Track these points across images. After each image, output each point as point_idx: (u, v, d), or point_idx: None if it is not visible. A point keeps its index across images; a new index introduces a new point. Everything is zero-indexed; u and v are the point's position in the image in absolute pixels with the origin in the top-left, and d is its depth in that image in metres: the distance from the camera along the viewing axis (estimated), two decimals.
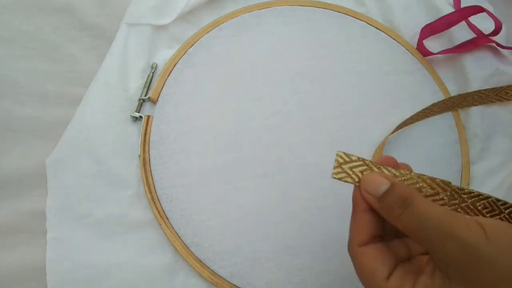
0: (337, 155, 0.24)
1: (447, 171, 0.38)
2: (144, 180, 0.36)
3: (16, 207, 0.35)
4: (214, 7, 0.43)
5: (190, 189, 0.36)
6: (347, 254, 0.25)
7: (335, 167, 0.24)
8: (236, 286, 0.34)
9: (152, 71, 0.39)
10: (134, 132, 0.38)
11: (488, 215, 0.25)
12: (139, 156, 0.36)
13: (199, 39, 0.40)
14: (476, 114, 0.40)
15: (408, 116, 0.39)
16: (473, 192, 0.24)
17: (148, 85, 0.39)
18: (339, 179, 0.24)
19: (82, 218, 0.35)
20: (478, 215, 0.24)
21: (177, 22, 0.41)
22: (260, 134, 0.38)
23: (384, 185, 0.22)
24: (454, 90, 0.42)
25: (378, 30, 0.43)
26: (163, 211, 0.35)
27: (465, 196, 0.24)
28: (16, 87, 0.38)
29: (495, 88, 0.40)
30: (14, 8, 0.40)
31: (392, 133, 0.38)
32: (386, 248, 0.23)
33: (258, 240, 0.35)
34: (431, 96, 0.41)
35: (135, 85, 0.39)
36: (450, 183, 0.24)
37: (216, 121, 0.38)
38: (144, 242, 0.35)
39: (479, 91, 0.40)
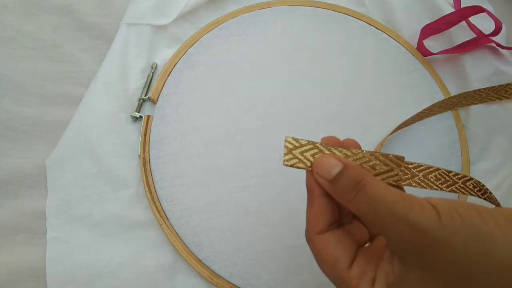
0: (285, 141, 0.23)
1: None
2: (144, 180, 0.36)
3: (16, 207, 0.35)
4: (214, 7, 0.43)
5: (190, 189, 0.36)
6: None
7: (285, 154, 0.23)
8: (236, 286, 0.34)
9: (152, 71, 0.39)
10: (134, 132, 0.38)
11: (443, 186, 0.24)
12: (139, 156, 0.36)
13: (199, 39, 0.40)
14: (476, 114, 0.40)
15: (408, 116, 0.39)
16: (422, 166, 0.24)
17: (148, 85, 0.39)
18: (291, 165, 0.23)
19: (82, 218, 0.35)
20: (432, 187, 0.24)
21: (177, 22, 0.41)
22: (260, 134, 0.38)
23: (336, 167, 0.22)
24: (454, 90, 0.42)
25: (378, 30, 0.43)
26: (163, 211, 0.35)
27: (414, 170, 0.23)
28: (16, 87, 0.38)
29: (495, 86, 0.40)
30: (14, 8, 0.40)
31: (392, 133, 0.38)
32: (345, 233, 0.23)
33: (258, 240, 0.35)
34: (431, 96, 0.41)
35: (135, 85, 0.39)
36: (403, 157, 0.23)
37: (216, 121, 0.38)
38: (144, 242, 0.35)
39: (479, 90, 0.40)
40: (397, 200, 0.19)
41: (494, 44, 0.43)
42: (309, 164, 0.23)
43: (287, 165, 0.23)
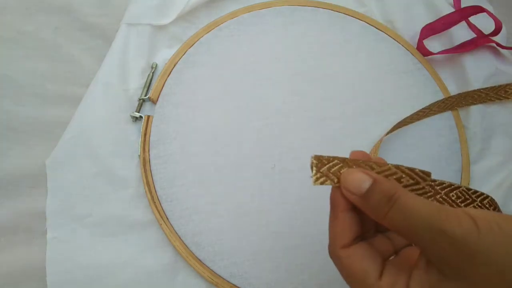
0: (312, 158, 0.22)
1: (447, 171, 0.38)
2: (144, 180, 0.36)
3: (16, 207, 0.35)
4: (214, 7, 0.43)
5: (190, 189, 0.36)
6: None
7: (314, 174, 0.22)
8: (236, 286, 0.34)
9: (152, 71, 0.39)
10: (134, 132, 0.38)
11: (462, 205, 0.24)
12: (139, 156, 0.36)
13: (199, 39, 0.40)
14: (476, 114, 0.40)
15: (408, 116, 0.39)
16: (445, 183, 0.24)
17: (148, 85, 0.39)
18: (321, 184, 0.22)
19: (82, 218, 0.35)
20: (453, 206, 0.24)
21: (177, 22, 0.41)
22: (260, 134, 0.38)
23: (366, 182, 0.21)
24: (454, 90, 0.42)
25: (378, 30, 0.43)
26: (163, 211, 0.35)
27: (437, 187, 0.23)
28: (16, 87, 0.38)
29: (495, 86, 0.40)
30: (14, 8, 0.40)
31: (390, 132, 0.38)
32: (370, 246, 0.22)
33: (258, 240, 0.35)
34: (431, 96, 0.41)
35: (135, 85, 0.39)
36: (430, 173, 0.23)
37: (216, 121, 0.38)
38: (144, 242, 0.35)
39: (478, 90, 0.40)
40: (433, 212, 0.19)
41: (494, 44, 0.43)
42: (335, 180, 0.22)
43: (316, 185, 0.22)
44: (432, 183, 0.23)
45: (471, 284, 0.18)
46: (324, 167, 0.22)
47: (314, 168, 0.22)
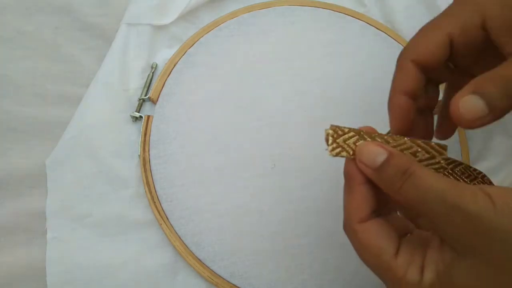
0: (329, 129, 0.22)
1: None
2: (144, 180, 0.36)
3: (16, 207, 0.35)
4: (214, 7, 0.43)
5: (190, 189, 0.36)
6: (347, 254, 0.24)
7: (330, 144, 0.22)
8: (236, 286, 0.34)
9: (152, 71, 0.39)
10: (134, 132, 0.38)
11: (467, 180, 0.24)
12: (139, 156, 0.36)
13: (199, 39, 0.40)
14: None
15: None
16: (450, 159, 0.23)
17: (148, 85, 0.39)
18: (336, 154, 0.22)
19: (82, 218, 0.35)
20: (459, 181, 0.24)
21: (177, 22, 0.41)
22: (260, 134, 0.38)
23: (381, 156, 0.21)
24: None
25: (378, 30, 0.43)
26: (163, 211, 0.35)
27: (443, 162, 0.23)
28: (16, 87, 0.38)
29: None
30: (14, 8, 0.40)
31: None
32: (387, 222, 0.22)
33: (258, 240, 0.35)
34: None
35: (135, 85, 0.39)
36: (446, 146, 0.22)
37: (216, 121, 0.38)
38: (144, 242, 0.35)
39: None
40: (447, 188, 0.19)
41: None
42: (351, 152, 0.22)
43: (332, 155, 0.22)
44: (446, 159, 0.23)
45: (485, 261, 0.18)
46: (340, 138, 0.22)
47: (331, 138, 0.22)
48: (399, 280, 0.20)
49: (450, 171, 0.24)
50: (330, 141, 0.22)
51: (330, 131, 0.22)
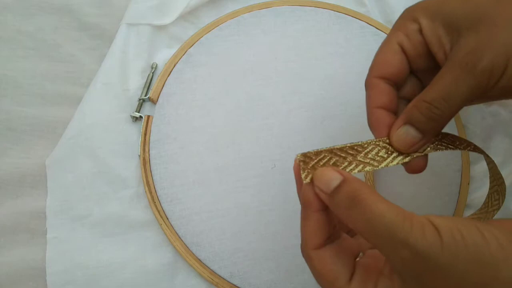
0: (299, 157, 0.22)
1: (447, 171, 0.38)
2: (144, 180, 0.36)
3: (16, 207, 0.35)
4: (214, 7, 0.43)
5: (190, 189, 0.36)
6: None
7: (302, 171, 0.22)
8: (236, 286, 0.34)
9: (152, 71, 0.39)
10: (134, 132, 0.38)
11: (460, 147, 0.26)
12: (139, 156, 0.36)
13: (199, 39, 0.40)
14: (476, 114, 0.40)
15: None
16: (441, 133, 0.25)
17: (148, 85, 0.39)
18: (310, 180, 0.22)
19: (82, 218, 0.35)
20: (448, 149, 0.25)
21: (177, 22, 0.41)
22: (260, 134, 0.38)
23: (335, 181, 0.21)
24: None
25: (378, 30, 0.43)
26: (163, 211, 0.35)
27: (361, 150, 0.23)
28: (16, 87, 0.38)
29: None
30: (14, 8, 0.40)
31: None
32: (341, 247, 0.22)
33: (258, 240, 0.35)
34: None
35: (135, 85, 0.39)
36: (359, 143, 0.23)
37: (216, 121, 0.38)
38: (144, 242, 0.35)
39: None
40: (396, 221, 0.18)
41: None
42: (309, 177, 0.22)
43: (307, 182, 0.22)
44: (356, 148, 0.23)
45: None
46: (310, 164, 0.22)
47: (302, 165, 0.22)
48: None
49: (438, 142, 0.25)
50: (301, 169, 0.22)
51: (300, 158, 0.22)
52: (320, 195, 0.21)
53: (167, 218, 0.35)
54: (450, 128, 0.40)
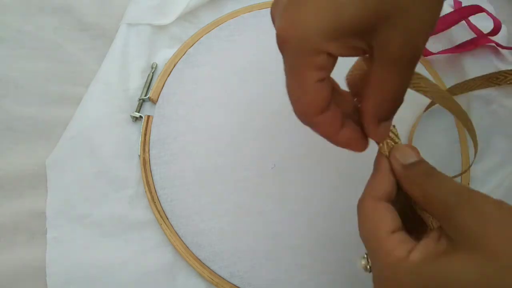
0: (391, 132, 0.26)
1: (447, 171, 0.38)
2: (144, 180, 0.36)
3: (16, 207, 0.35)
4: (214, 7, 0.43)
5: (190, 189, 0.36)
6: (347, 254, 0.24)
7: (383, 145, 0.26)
8: (236, 286, 0.34)
9: (152, 71, 0.39)
10: (134, 132, 0.38)
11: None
12: (139, 156, 0.36)
13: (199, 39, 0.40)
14: (476, 114, 0.40)
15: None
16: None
17: (148, 85, 0.39)
18: (382, 144, 0.26)
19: (82, 218, 0.35)
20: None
21: (177, 22, 0.41)
22: (260, 134, 0.38)
23: (413, 158, 0.24)
24: None
25: None
26: (163, 211, 0.35)
27: None
28: (16, 87, 0.38)
29: (486, 75, 0.39)
30: (14, 8, 0.40)
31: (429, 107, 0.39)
32: (396, 212, 0.24)
33: (258, 240, 0.35)
34: None
35: (135, 85, 0.39)
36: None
37: (216, 121, 0.38)
38: (144, 242, 0.35)
39: (471, 79, 0.40)
40: (463, 188, 0.21)
41: (494, 44, 0.43)
42: (387, 150, 0.25)
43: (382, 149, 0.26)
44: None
45: (482, 255, 0.19)
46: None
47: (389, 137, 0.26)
48: (386, 254, 0.21)
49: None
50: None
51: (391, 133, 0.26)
52: (394, 163, 0.24)
53: (167, 218, 0.35)
54: (450, 128, 0.40)
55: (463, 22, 0.43)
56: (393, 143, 0.26)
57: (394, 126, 0.26)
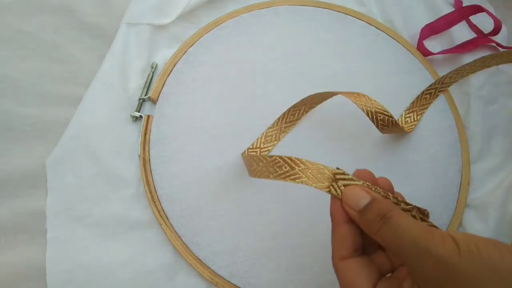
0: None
1: (447, 171, 0.38)
2: (144, 180, 0.36)
3: (16, 207, 0.35)
4: (214, 7, 0.43)
5: (190, 189, 0.36)
6: None
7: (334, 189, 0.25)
8: (236, 286, 0.34)
9: (152, 71, 0.39)
10: (134, 132, 0.38)
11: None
12: (139, 156, 0.36)
13: (199, 39, 0.40)
14: (476, 114, 0.40)
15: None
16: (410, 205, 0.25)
17: (148, 85, 0.39)
18: (328, 192, 0.25)
19: (82, 218, 0.35)
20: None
21: (177, 22, 0.41)
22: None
23: (364, 199, 0.23)
24: (454, 90, 0.42)
25: (378, 30, 0.43)
26: (163, 211, 0.35)
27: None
28: (16, 87, 0.38)
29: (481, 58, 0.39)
30: (14, 8, 0.40)
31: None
32: (368, 261, 0.23)
33: (258, 240, 0.35)
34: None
35: (135, 85, 0.39)
36: (428, 212, 0.24)
37: (216, 121, 0.38)
38: (144, 242, 0.35)
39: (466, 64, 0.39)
40: (420, 233, 0.20)
41: (494, 44, 0.43)
42: (339, 193, 0.24)
43: (329, 193, 0.25)
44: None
45: None
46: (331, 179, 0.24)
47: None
48: None
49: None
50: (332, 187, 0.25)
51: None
52: (348, 211, 0.23)
53: (167, 218, 0.35)
54: (450, 127, 0.40)
55: (464, 22, 0.44)
56: (342, 185, 0.24)
57: (338, 168, 0.25)
